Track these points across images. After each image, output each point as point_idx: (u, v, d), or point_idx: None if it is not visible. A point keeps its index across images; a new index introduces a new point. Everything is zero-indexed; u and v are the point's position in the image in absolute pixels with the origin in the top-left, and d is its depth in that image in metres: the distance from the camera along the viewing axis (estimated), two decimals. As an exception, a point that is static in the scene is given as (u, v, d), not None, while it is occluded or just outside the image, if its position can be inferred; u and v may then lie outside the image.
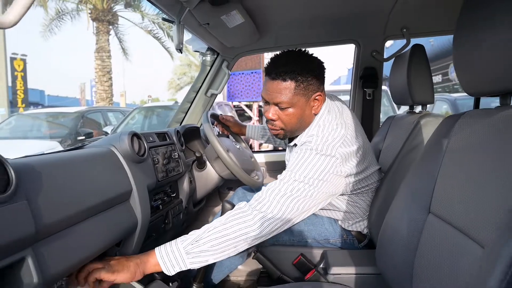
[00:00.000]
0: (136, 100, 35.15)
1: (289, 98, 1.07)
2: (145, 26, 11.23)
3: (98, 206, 0.81)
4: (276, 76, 1.07)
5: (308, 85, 1.07)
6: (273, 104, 1.11)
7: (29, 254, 0.59)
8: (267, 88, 1.10)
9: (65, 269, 0.67)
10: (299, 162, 1.02)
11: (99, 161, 0.89)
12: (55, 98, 23.67)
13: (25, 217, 0.59)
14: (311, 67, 1.08)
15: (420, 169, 0.87)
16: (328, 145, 1.03)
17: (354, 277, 1.05)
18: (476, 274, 0.53)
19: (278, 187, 0.99)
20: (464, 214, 0.64)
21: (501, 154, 0.59)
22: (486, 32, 0.64)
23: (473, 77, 0.72)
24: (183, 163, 1.33)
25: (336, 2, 1.42)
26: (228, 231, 0.92)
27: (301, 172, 1.00)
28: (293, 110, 1.09)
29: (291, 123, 1.11)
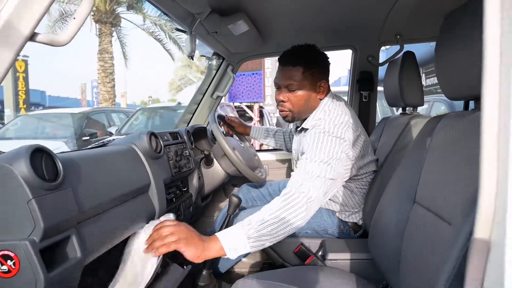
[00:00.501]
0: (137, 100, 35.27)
1: (298, 81, 1.23)
2: (147, 28, 11.36)
3: (123, 196, 0.92)
4: (287, 62, 1.25)
5: (315, 72, 1.24)
6: (284, 87, 1.27)
7: (73, 233, 0.71)
8: (279, 73, 1.28)
9: (99, 247, 0.79)
10: (317, 145, 1.12)
11: (123, 157, 1.00)
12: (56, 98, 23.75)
13: (70, 201, 0.70)
14: (318, 58, 1.28)
15: (407, 164, 0.99)
16: (337, 127, 1.16)
17: (349, 262, 1.17)
18: (446, 247, 0.64)
19: (310, 170, 1.07)
20: (440, 200, 0.75)
21: (467, 150, 0.71)
22: (463, 43, 0.75)
23: (452, 83, 0.83)
24: (193, 160, 1.44)
25: (334, 11, 1.54)
26: (283, 215, 0.97)
27: (322, 153, 1.10)
28: (301, 92, 1.25)
29: (298, 105, 1.27)
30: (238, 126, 1.83)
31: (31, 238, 0.62)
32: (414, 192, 0.90)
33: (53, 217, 0.65)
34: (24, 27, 0.57)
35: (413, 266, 0.82)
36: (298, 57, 1.24)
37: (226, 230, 0.96)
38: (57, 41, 0.61)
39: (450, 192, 0.72)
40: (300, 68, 1.23)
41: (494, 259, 0.42)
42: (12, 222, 0.63)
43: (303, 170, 1.09)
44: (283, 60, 1.27)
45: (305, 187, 1.03)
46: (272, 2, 1.35)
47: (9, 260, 0.61)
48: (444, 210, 0.72)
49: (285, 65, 1.25)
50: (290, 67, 1.24)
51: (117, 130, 5.49)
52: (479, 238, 0.44)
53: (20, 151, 0.64)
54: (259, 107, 6.96)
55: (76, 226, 0.73)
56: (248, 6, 1.33)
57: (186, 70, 21.37)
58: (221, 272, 1.47)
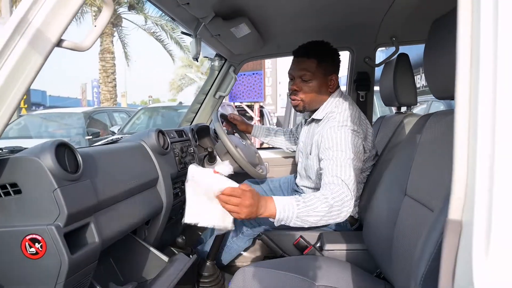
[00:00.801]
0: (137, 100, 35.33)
1: (312, 72, 1.31)
2: (148, 28, 11.43)
3: (134, 188, 0.99)
4: (302, 54, 1.33)
5: (327, 65, 1.33)
6: (297, 77, 1.34)
7: (92, 221, 0.78)
8: (294, 64, 1.36)
9: (115, 234, 0.86)
10: (340, 142, 1.19)
11: (133, 153, 1.07)
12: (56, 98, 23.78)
13: (89, 192, 0.78)
14: (331, 53, 1.36)
15: (399, 159, 1.06)
16: (351, 120, 1.24)
17: (345, 252, 1.24)
18: (428, 232, 0.71)
19: (346, 171, 1.13)
20: (427, 191, 0.82)
21: (451, 145, 0.78)
22: (449, 47, 0.81)
23: (438, 83, 0.89)
24: (197, 157, 1.51)
25: (332, 14, 1.61)
26: (332, 213, 1.04)
27: (346, 150, 1.17)
28: (313, 83, 1.32)
29: (310, 95, 1.34)
30: (240, 124, 1.89)
31: (57, 223, 0.69)
32: (405, 185, 0.97)
33: (75, 205, 0.72)
34: (52, 34, 0.64)
35: (403, 254, 0.88)
36: (313, 50, 1.32)
37: (284, 203, 1.00)
38: (81, 46, 0.68)
39: (435, 183, 0.79)
40: (314, 60, 1.30)
41: (465, 239, 0.49)
42: (39, 209, 0.70)
43: (341, 171, 1.13)
44: (298, 52, 1.35)
45: (349, 191, 1.10)
46: (273, 6, 1.42)
47: (36, 243, 0.69)
48: (429, 200, 0.79)
49: (300, 56, 1.33)
50: (305, 59, 1.32)
51: (120, 129, 5.55)
52: (452, 219, 0.51)
53: (45, 146, 0.71)
54: (260, 107, 7.02)
55: (94, 214, 0.80)
56: (249, 10, 1.40)
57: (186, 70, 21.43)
58: (224, 264, 1.54)
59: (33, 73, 0.64)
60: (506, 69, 0.44)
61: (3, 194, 0.70)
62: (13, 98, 0.64)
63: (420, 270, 0.66)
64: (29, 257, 0.69)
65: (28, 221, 0.70)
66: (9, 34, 0.61)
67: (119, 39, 11.43)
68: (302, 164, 1.48)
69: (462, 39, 0.50)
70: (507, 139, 0.44)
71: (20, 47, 0.62)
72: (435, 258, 0.63)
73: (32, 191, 0.70)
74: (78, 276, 0.73)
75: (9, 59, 0.62)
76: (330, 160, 1.18)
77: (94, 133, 5.45)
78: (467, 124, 0.50)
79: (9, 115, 0.65)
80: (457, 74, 0.50)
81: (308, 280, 1.02)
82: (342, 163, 1.16)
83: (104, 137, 5.33)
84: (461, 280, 0.49)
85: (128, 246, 1.08)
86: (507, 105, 0.45)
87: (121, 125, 6.07)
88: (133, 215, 0.97)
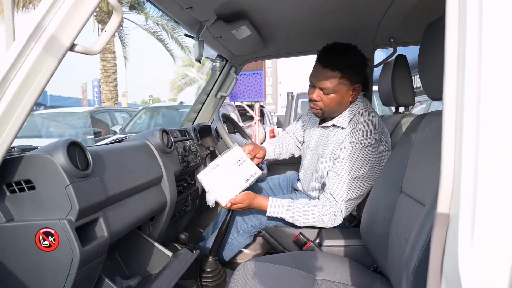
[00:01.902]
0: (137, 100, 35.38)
1: (334, 86, 1.24)
2: (149, 28, 11.47)
3: (140, 186, 1.03)
4: (326, 64, 1.24)
5: (352, 77, 1.26)
6: (319, 88, 1.28)
7: (101, 216, 0.82)
8: (316, 73, 1.28)
9: (123, 229, 0.90)
10: (355, 158, 1.22)
11: (138, 152, 1.11)
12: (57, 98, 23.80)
13: (99, 188, 0.82)
14: (358, 62, 1.28)
15: (395, 158, 1.10)
16: (376, 132, 1.25)
17: (343, 248, 1.27)
18: (420, 226, 0.75)
19: (344, 192, 1.23)
20: (420, 188, 0.86)
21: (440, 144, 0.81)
22: (441, 50, 0.85)
23: (432, 84, 0.93)
24: (199, 156, 1.55)
25: (331, 17, 1.64)
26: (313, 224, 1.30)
27: (356, 168, 1.21)
28: (334, 95, 1.26)
29: (330, 106, 1.29)
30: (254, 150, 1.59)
31: (69, 218, 0.73)
32: (400, 182, 1.00)
33: (85, 200, 0.76)
34: (65, 39, 0.68)
35: (398, 249, 0.92)
36: (338, 61, 1.23)
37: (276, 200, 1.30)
38: (91, 50, 0.72)
39: (428, 180, 0.83)
40: (338, 73, 1.23)
41: (452, 230, 0.52)
42: (52, 204, 0.74)
43: (340, 192, 1.23)
44: (322, 61, 1.26)
45: (340, 213, 1.25)
46: (273, 9, 1.46)
47: (50, 236, 0.73)
48: (422, 196, 0.83)
49: (324, 66, 1.24)
50: (328, 70, 1.23)
51: (121, 129, 5.59)
52: (440, 213, 0.55)
53: (58, 144, 0.75)
54: (260, 106, 7.04)
55: (103, 209, 0.84)
56: (250, 13, 1.44)
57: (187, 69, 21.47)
58: (225, 260, 1.58)
59: (47, 76, 0.68)
60: (489, 73, 0.48)
61: (18, 190, 0.74)
62: (28, 100, 0.68)
63: (412, 261, 0.70)
64: (43, 250, 0.73)
65: (42, 216, 0.74)
66: (25, 40, 0.65)
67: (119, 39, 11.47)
68: (310, 162, 1.47)
69: (450, 43, 0.53)
70: (489, 137, 0.48)
71: (35, 51, 0.66)
72: (426, 250, 0.67)
73: (45, 187, 0.74)
74: (88, 268, 0.77)
75: (25, 63, 0.66)
76: (336, 175, 1.24)
77: (96, 132, 5.49)
78: (453, 124, 0.54)
79: (24, 116, 0.69)
80: (445, 77, 0.54)
81: (308, 274, 1.06)
82: (346, 182, 1.22)
83: (106, 136, 5.38)
84: (448, 269, 0.52)
85: (133, 242, 1.12)
86: (489, 105, 0.48)
87: (123, 124, 6.10)
88: (139, 211, 1.01)
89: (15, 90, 0.66)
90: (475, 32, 0.49)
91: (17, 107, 0.67)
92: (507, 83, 0.46)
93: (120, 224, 0.90)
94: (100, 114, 6.48)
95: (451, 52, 0.53)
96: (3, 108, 0.66)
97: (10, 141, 0.68)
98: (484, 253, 0.48)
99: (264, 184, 1.83)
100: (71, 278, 0.74)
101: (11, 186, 0.74)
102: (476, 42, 0.49)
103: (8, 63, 0.65)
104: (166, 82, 52.08)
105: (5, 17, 0.79)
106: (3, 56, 0.65)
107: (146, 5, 10.72)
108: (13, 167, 0.73)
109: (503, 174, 0.47)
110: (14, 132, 0.68)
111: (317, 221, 1.27)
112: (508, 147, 0.46)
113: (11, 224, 0.73)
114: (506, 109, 0.46)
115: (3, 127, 0.66)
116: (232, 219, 1.43)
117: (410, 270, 0.70)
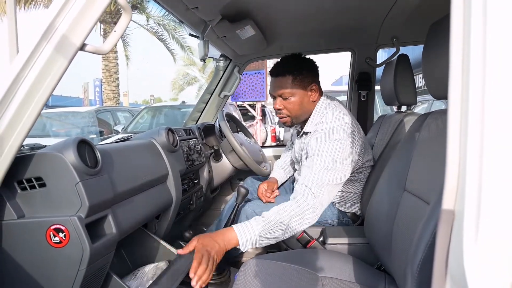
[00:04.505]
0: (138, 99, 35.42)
1: (290, 89, 1.33)
2: (150, 28, 11.48)
3: (146, 184, 1.05)
4: (277, 74, 1.35)
5: (303, 78, 1.33)
6: (278, 96, 1.36)
7: (109, 213, 0.83)
8: (272, 84, 1.38)
9: (130, 226, 0.92)
10: (322, 152, 1.23)
11: (145, 150, 1.13)
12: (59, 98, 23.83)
13: (107, 185, 0.83)
14: (304, 64, 1.36)
15: (398, 157, 1.11)
16: (338, 129, 1.26)
17: (347, 246, 1.28)
18: (425, 223, 0.76)
19: (318, 179, 1.20)
20: (424, 186, 0.87)
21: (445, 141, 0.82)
22: (445, 50, 0.85)
23: (436, 83, 0.94)
24: (203, 155, 1.56)
25: (335, 16, 1.65)
26: (292, 224, 1.16)
27: (327, 160, 1.22)
28: (294, 98, 1.34)
29: (294, 110, 1.36)
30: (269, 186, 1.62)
31: (79, 215, 0.74)
32: (404, 181, 1.01)
33: (95, 197, 0.77)
34: (76, 39, 0.69)
35: (402, 247, 0.93)
36: (285, 67, 1.34)
37: (243, 227, 1.10)
38: (101, 50, 0.73)
39: (432, 178, 0.84)
40: (289, 76, 1.32)
41: (457, 227, 0.53)
42: (62, 201, 0.75)
43: (311, 178, 1.21)
44: (273, 72, 1.37)
45: (314, 198, 1.19)
46: (277, 9, 1.47)
47: (60, 232, 0.74)
48: (426, 194, 0.83)
49: (275, 76, 1.36)
50: (280, 77, 1.34)
51: (123, 128, 5.60)
52: (446, 209, 0.55)
53: (68, 142, 0.77)
54: (261, 106, 7.05)
55: (112, 207, 0.85)
56: (255, 13, 1.45)
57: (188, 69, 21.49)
58: (229, 258, 1.59)
59: (58, 76, 0.70)
60: (494, 72, 0.49)
61: (28, 188, 0.76)
62: (40, 99, 0.69)
63: (417, 258, 0.71)
64: (53, 246, 0.74)
65: (52, 212, 0.75)
66: (37, 40, 0.67)
67: (121, 39, 11.49)
68: (299, 173, 1.52)
69: (455, 42, 0.54)
70: (494, 134, 0.49)
71: (47, 51, 0.67)
72: (431, 247, 0.68)
73: (56, 184, 0.75)
74: (98, 264, 0.78)
75: (37, 62, 0.67)
76: (307, 168, 1.25)
77: (99, 132, 5.51)
78: (458, 121, 0.55)
79: (36, 115, 0.70)
80: (450, 76, 0.55)
81: (312, 271, 1.07)
82: (316, 171, 1.21)
83: (108, 136, 5.39)
84: (453, 265, 0.53)
85: (139, 239, 1.13)
86: (494, 103, 0.49)
87: (125, 124, 6.12)
88: (146, 209, 1.02)
89: (27, 89, 0.67)
90: (480, 31, 0.50)
91: (29, 106, 0.69)
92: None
93: (128, 221, 0.91)
94: (102, 113, 6.50)
95: (456, 50, 0.54)
96: (16, 106, 0.67)
97: (22, 139, 0.69)
98: (489, 249, 0.49)
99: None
100: (81, 274, 0.75)
101: (22, 184, 0.76)
102: (481, 41, 0.50)
103: (21, 62, 0.66)
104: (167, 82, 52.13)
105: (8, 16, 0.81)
106: (16, 56, 0.67)
107: (147, 5, 10.74)
108: (24, 165, 0.75)
109: (508, 170, 0.48)
110: (26, 130, 0.69)
111: (295, 216, 1.15)
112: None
113: (22, 220, 0.74)
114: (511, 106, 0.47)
115: (15, 125, 0.68)
116: (236, 217, 1.45)
117: (414, 267, 0.71)
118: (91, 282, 0.80)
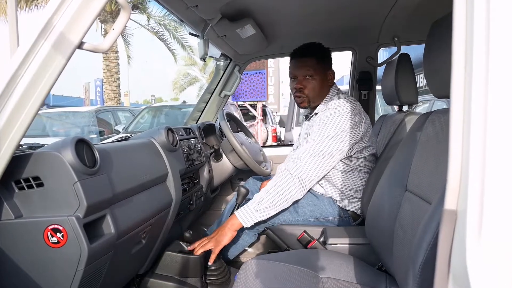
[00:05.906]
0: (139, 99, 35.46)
1: (314, 69, 1.43)
2: (151, 28, 11.48)
3: (146, 183, 1.04)
4: (301, 55, 1.46)
5: (325, 60, 1.47)
6: (301, 75, 1.45)
7: (108, 213, 0.83)
8: (294, 65, 1.47)
9: (129, 226, 0.91)
10: (324, 123, 1.31)
11: (144, 150, 1.12)
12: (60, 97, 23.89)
13: (106, 185, 0.82)
14: (326, 51, 1.49)
15: (400, 156, 1.10)
16: (346, 106, 1.35)
17: (348, 246, 1.28)
18: (427, 223, 0.75)
19: (312, 149, 1.29)
20: (426, 186, 0.86)
21: (447, 140, 0.82)
22: (447, 48, 0.85)
23: (438, 82, 0.93)
24: (203, 154, 1.56)
25: (336, 16, 1.65)
26: (280, 193, 1.27)
27: (328, 130, 1.30)
28: (316, 78, 1.44)
29: (314, 90, 1.45)
30: None
31: (77, 214, 0.74)
32: (405, 181, 1.00)
33: (93, 197, 0.77)
34: (74, 37, 0.68)
35: (403, 247, 0.92)
36: (310, 50, 1.46)
37: (240, 209, 1.29)
38: (100, 48, 0.72)
39: (434, 178, 0.83)
40: (313, 58, 1.43)
41: (459, 226, 0.53)
42: (60, 201, 0.74)
43: (306, 150, 1.29)
44: (297, 54, 1.47)
45: (300, 170, 1.28)
46: (278, 9, 1.47)
47: (58, 233, 0.73)
48: (428, 194, 0.83)
49: (300, 57, 1.46)
50: (305, 58, 1.44)
51: (124, 128, 5.61)
52: (448, 209, 0.55)
53: (66, 141, 0.76)
54: (262, 106, 7.06)
55: (110, 207, 0.85)
56: (255, 12, 1.44)
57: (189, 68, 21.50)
58: (229, 258, 1.58)
59: (55, 74, 0.69)
60: (497, 71, 0.48)
61: (26, 187, 0.75)
62: (38, 97, 0.69)
63: (418, 258, 0.71)
64: (51, 246, 0.74)
65: (50, 212, 0.74)
66: (35, 38, 0.66)
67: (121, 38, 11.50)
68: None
69: (457, 41, 0.54)
70: (497, 134, 0.48)
71: (45, 49, 0.67)
72: (433, 247, 0.67)
73: (53, 184, 0.74)
74: (96, 264, 0.78)
75: (34, 60, 0.67)
76: (308, 140, 1.33)
77: (99, 131, 5.51)
78: (461, 120, 0.54)
79: (33, 114, 0.69)
80: (452, 75, 0.54)
81: (312, 272, 1.06)
82: (311, 142, 1.30)
83: (109, 136, 5.39)
84: (456, 265, 0.52)
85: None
86: (497, 102, 0.49)
87: (125, 124, 6.12)
88: (145, 209, 1.02)
89: (24, 88, 0.67)
90: (483, 28, 0.50)
91: (26, 104, 0.68)
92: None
93: (127, 221, 0.91)
94: (103, 113, 6.51)
95: (458, 48, 0.54)
96: (13, 105, 0.66)
97: (20, 138, 0.68)
98: (491, 249, 0.48)
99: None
100: (79, 274, 0.74)
101: (19, 183, 0.75)
102: (484, 39, 0.49)
103: (18, 60, 0.66)
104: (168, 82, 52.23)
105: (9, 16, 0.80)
106: (13, 53, 0.66)
107: (148, 4, 10.74)
108: (21, 164, 0.74)
109: (510, 169, 0.47)
110: (24, 129, 0.68)
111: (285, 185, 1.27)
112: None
113: (20, 220, 0.74)
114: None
115: (13, 124, 0.67)
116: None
117: (416, 267, 0.71)
118: (90, 282, 0.80)
